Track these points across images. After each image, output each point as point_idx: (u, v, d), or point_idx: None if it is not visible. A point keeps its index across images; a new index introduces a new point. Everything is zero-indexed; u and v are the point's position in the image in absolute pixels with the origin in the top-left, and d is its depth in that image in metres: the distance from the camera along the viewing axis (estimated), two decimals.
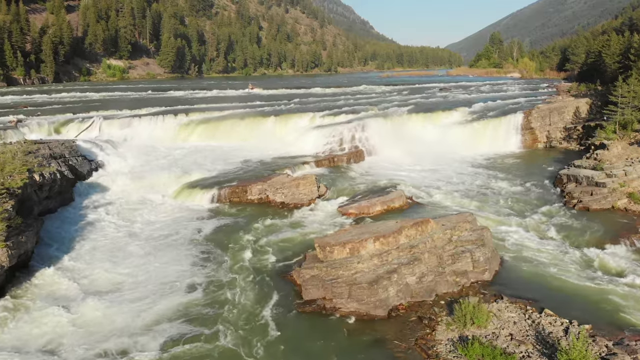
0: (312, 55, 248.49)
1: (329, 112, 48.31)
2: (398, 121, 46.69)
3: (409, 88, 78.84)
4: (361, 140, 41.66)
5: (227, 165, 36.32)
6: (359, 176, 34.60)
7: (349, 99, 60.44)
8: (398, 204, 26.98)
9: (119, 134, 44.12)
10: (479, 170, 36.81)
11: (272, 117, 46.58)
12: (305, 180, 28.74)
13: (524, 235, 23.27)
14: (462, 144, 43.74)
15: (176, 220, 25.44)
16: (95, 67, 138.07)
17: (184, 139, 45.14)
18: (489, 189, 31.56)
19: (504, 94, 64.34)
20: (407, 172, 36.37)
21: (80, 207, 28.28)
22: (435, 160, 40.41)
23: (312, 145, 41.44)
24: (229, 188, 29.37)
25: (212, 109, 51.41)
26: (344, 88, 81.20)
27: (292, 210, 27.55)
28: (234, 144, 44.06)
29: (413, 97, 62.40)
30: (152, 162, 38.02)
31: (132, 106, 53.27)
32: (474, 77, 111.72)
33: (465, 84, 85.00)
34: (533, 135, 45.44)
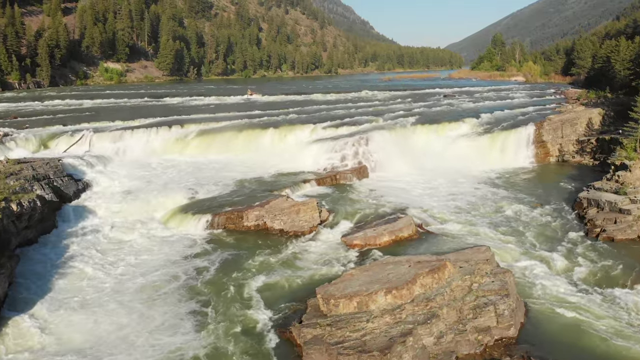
0: (312, 57, 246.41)
1: (330, 123, 46.22)
2: (403, 133, 44.61)
3: (412, 94, 76.74)
4: (365, 155, 39.56)
5: (222, 183, 34.21)
6: (363, 197, 32.46)
7: (350, 107, 58.34)
8: (407, 233, 24.88)
9: (110, 148, 42.02)
10: (490, 189, 34.69)
11: (270, 129, 44.48)
12: (305, 206, 26.63)
13: (547, 273, 21.16)
14: (471, 158, 41.65)
15: (166, 258, 23.18)
16: (92, 71, 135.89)
17: (179, 152, 43.06)
18: (503, 213, 29.44)
19: (510, 102, 62.23)
20: (413, 191, 34.27)
21: (63, 236, 26.14)
22: (443, 176, 38.30)
23: (312, 161, 39.34)
24: (223, 214, 27.24)
25: (208, 119, 49.31)
26: (344, 94, 79.14)
27: (292, 240, 25.44)
28: (231, 157, 41.98)
29: (417, 105, 60.30)
30: (144, 179, 35.89)
31: (125, 116, 51.21)
32: (477, 81, 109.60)
33: (470, 89, 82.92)
34: (545, 148, 43.35)
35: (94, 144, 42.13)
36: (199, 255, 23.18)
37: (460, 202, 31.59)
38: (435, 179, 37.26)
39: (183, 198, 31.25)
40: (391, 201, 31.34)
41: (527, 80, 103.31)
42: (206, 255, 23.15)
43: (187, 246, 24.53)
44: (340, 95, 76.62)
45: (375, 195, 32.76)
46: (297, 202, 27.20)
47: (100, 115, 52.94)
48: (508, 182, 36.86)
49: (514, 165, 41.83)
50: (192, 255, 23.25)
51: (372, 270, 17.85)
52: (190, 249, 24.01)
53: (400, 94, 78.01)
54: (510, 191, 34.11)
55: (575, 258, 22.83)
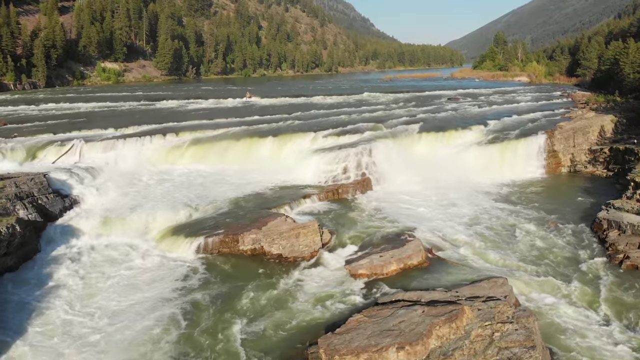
0: (313, 55, 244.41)
1: (332, 131, 44.32)
2: (408, 142, 42.75)
3: (415, 97, 74.82)
4: (368, 166, 37.69)
5: (218, 198, 32.37)
6: (367, 214, 30.62)
7: (351, 112, 56.45)
8: (416, 260, 23.04)
9: (101, 159, 40.14)
10: (501, 204, 32.84)
11: (269, 138, 42.58)
12: (306, 229, 24.78)
13: (570, 311, 19.32)
14: (479, 169, 39.80)
15: (154, 294, 21.25)
16: (89, 71, 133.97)
17: (173, 162, 41.17)
18: (517, 233, 27.60)
19: (517, 107, 60.31)
20: (420, 207, 32.43)
21: (46, 262, 24.31)
22: (450, 189, 36.48)
23: (313, 173, 37.48)
24: (217, 237, 25.39)
25: (204, 126, 47.43)
26: (345, 96, 77.26)
27: (291, 267, 23.60)
28: (228, 168, 40.11)
29: (420, 109, 58.42)
30: (135, 194, 34.06)
31: (119, 122, 49.40)
32: (481, 82, 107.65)
33: (474, 92, 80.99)
34: (556, 158, 41.48)
35: (84, 154, 40.28)
36: (189, 291, 21.17)
37: (469, 220, 29.75)
38: (442, 192, 35.42)
39: (175, 216, 29.42)
40: (397, 219, 29.50)
41: (532, 81, 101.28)
42: (197, 290, 21.23)
43: (178, 277, 22.61)
44: (341, 98, 74.74)
45: (380, 212, 30.91)
46: (296, 225, 25.33)
47: (93, 121, 51.11)
48: (519, 196, 35.00)
49: (524, 176, 39.96)
50: (181, 290, 21.30)
51: (380, 315, 16.00)
52: (180, 282, 21.99)
53: (402, 96, 76.10)
54: (522, 207, 32.26)
55: (599, 291, 20.99)
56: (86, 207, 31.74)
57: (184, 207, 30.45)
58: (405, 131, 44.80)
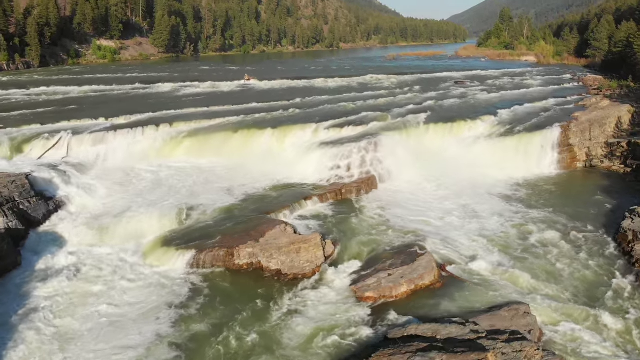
0: (313, 31, 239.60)
1: (334, 122, 42.00)
2: (415, 135, 40.48)
3: (420, 80, 72.17)
4: (373, 162, 35.54)
5: (213, 200, 30.43)
6: (372, 219, 28.62)
7: (355, 99, 54.03)
8: (428, 279, 21.13)
9: (90, 153, 38.03)
10: (515, 207, 30.77)
11: (268, 130, 40.31)
12: (307, 244, 22.79)
13: (600, 346, 17.42)
14: (490, 165, 37.64)
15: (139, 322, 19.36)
16: (84, 49, 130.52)
17: (167, 156, 39.06)
18: (534, 243, 25.62)
19: (528, 93, 57.79)
20: (430, 210, 30.46)
21: (24, 279, 22.41)
22: (460, 187, 34.44)
23: (315, 169, 35.36)
24: (211, 251, 23.43)
25: (200, 115, 45.12)
26: (347, 79, 74.62)
27: (291, 286, 21.67)
28: (225, 162, 38.04)
29: (427, 95, 55.91)
30: (125, 193, 32.08)
31: (110, 110, 47.07)
32: (487, 62, 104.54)
33: (481, 74, 78.28)
34: (571, 153, 39.24)
35: (72, 147, 38.09)
36: (179, 321, 19.23)
37: (482, 226, 27.76)
38: (451, 192, 33.38)
39: (167, 222, 27.45)
40: (405, 225, 27.54)
41: (540, 62, 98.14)
42: (188, 319, 19.26)
43: (167, 299, 20.69)
44: (343, 82, 72.09)
45: (387, 217, 28.91)
46: (297, 239, 23.31)
47: (84, 109, 48.76)
48: (534, 197, 32.90)
49: (537, 172, 37.80)
50: (170, 316, 19.40)
51: None
52: (168, 310, 19.95)
53: (407, 79, 73.44)
54: (539, 211, 30.17)
55: (629, 319, 19.10)
56: (73, 209, 29.77)
57: (176, 210, 28.44)
58: (412, 122, 42.48)
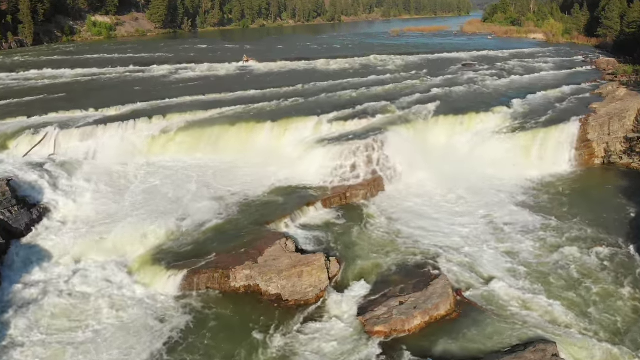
0: (314, 4, 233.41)
1: (337, 114, 39.62)
2: (423, 129, 38.15)
3: (426, 61, 69.22)
4: (380, 161, 33.34)
5: (207, 205, 28.47)
6: (380, 229, 26.62)
7: (358, 84, 51.38)
8: (444, 309, 19.22)
9: (79, 149, 35.85)
10: (533, 215, 28.59)
11: (267, 124, 37.96)
12: (310, 266, 20.81)
13: None
14: (503, 162, 35.46)
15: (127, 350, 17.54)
16: (79, 25, 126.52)
17: (160, 152, 36.89)
18: (556, 260, 23.63)
19: (539, 78, 55.03)
20: (441, 217, 28.43)
21: (3, 302, 20.52)
22: (473, 189, 32.36)
23: (318, 169, 33.13)
24: (204, 272, 21.47)
25: (195, 105, 42.69)
26: (350, 60, 71.56)
27: (292, 314, 19.79)
28: (221, 159, 35.96)
29: (434, 81, 53.24)
30: (115, 197, 30.06)
31: (102, 99, 44.78)
32: (494, 40, 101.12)
33: (489, 55, 75.21)
34: (589, 149, 36.95)
35: (60, 144, 35.91)
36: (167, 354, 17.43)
37: (499, 239, 25.76)
38: (463, 196, 31.29)
39: (157, 234, 25.40)
40: (415, 237, 25.57)
41: (549, 40, 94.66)
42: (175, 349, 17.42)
43: (156, 327, 18.86)
44: (346, 63, 69.15)
45: (395, 226, 26.90)
46: (299, 261, 21.27)
47: (74, 97, 46.24)
48: (553, 201, 30.78)
49: (554, 170, 35.56)
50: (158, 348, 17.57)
51: None
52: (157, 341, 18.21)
53: (413, 60, 70.43)
54: (559, 219, 28.02)
55: None
56: (58, 217, 27.78)
57: (168, 219, 26.49)
58: (419, 114, 40.05)
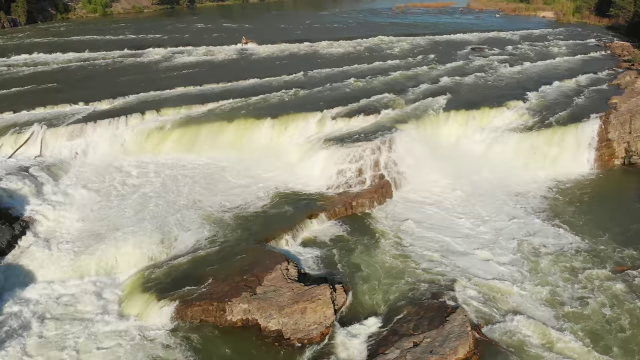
0: None
1: (342, 109, 37.34)
2: (432, 126, 35.88)
3: (433, 44, 66.26)
4: (387, 164, 31.17)
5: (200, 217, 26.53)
6: (389, 248, 24.63)
7: (363, 73, 48.87)
8: (462, 352, 17.34)
9: (66, 148, 33.84)
10: (553, 228, 26.50)
11: (267, 121, 35.69)
12: (315, 302, 18.87)
13: None
14: (519, 164, 33.38)
15: None
16: (74, 2, 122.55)
17: (154, 151, 34.85)
18: (584, 288, 21.63)
19: (553, 65, 52.18)
20: (455, 232, 26.37)
21: None
22: (488, 195, 30.34)
23: (320, 172, 31.11)
24: (199, 305, 19.58)
25: (191, 98, 40.36)
26: (354, 42, 68.52)
27: (294, 355, 17.95)
28: (218, 160, 34.00)
29: (443, 69, 50.57)
30: (104, 205, 28.07)
31: (93, 89, 42.62)
32: (502, 18, 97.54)
33: (498, 36, 72.07)
34: (610, 149, 34.66)
35: (47, 143, 33.77)
36: None
37: (517, 259, 23.75)
38: (477, 204, 29.25)
39: (147, 254, 23.51)
40: (427, 257, 23.63)
41: (559, 20, 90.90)
42: None
43: None
44: (350, 46, 66.18)
45: (405, 243, 24.91)
46: (302, 296, 19.25)
47: (64, 87, 43.83)
48: (570, 207, 28.74)
49: (571, 171, 33.39)
50: None
51: None
52: None
53: (419, 43, 67.39)
54: (581, 233, 25.92)
55: None
56: (43, 230, 25.83)
57: (158, 235, 24.56)
58: (429, 108, 37.68)
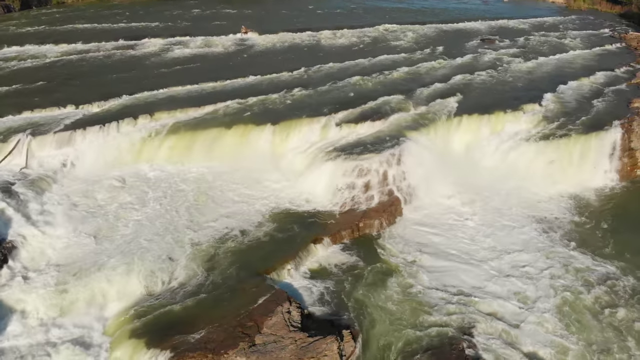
0: None
1: (347, 113, 35.09)
2: (444, 133, 33.69)
3: (441, 34, 63.60)
4: (396, 179, 29.06)
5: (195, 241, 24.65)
6: (400, 279, 22.71)
7: (369, 69, 46.43)
8: None
9: (54, 158, 31.63)
10: (579, 255, 24.56)
11: (267, 127, 33.43)
12: (320, 355, 16.98)
13: None
14: (538, 176, 31.31)
15: None
16: None
17: (148, 160, 32.75)
18: (613, 332, 19.81)
19: (567, 60, 49.69)
20: (473, 258, 24.49)
21: None
22: (507, 214, 28.41)
23: (325, 187, 29.03)
24: (191, 358, 17.70)
25: (187, 99, 38.00)
26: (358, 32, 65.78)
27: None
28: (215, 171, 31.91)
29: (453, 64, 48.09)
30: (91, 228, 26.07)
31: (84, 89, 40.00)
32: (511, 5, 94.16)
33: (508, 25, 69.39)
34: (632, 158, 32.54)
35: (33, 153, 31.59)
36: None
37: (538, 297, 21.80)
38: (496, 223, 27.28)
39: (137, 290, 21.61)
40: (445, 297, 21.69)
41: (569, 6, 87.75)
42: None
43: None
44: (353, 36, 63.48)
45: (419, 275, 22.94)
46: (306, 351, 17.24)
47: (53, 87, 41.20)
48: (593, 227, 26.81)
49: (592, 184, 31.30)
50: None
51: None
52: None
53: (426, 32, 64.60)
54: (603, 258, 24.12)
55: None
56: (24, 257, 23.86)
57: (150, 266, 22.64)
58: (440, 111, 35.44)
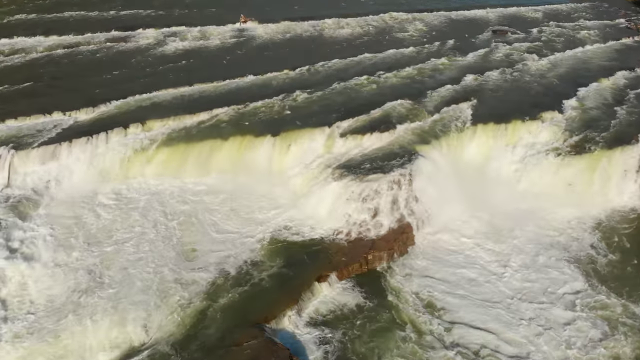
0: None
1: (352, 122, 32.59)
2: (457, 145, 31.29)
3: (450, 26, 60.48)
4: (408, 202, 26.74)
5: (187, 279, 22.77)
6: (414, 324, 20.67)
7: (375, 66, 43.66)
8: None
9: (39, 175, 29.61)
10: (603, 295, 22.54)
11: (267, 139, 31.05)
12: None
13: None
14: (561, 196, 29.01)
15: None
16: None
17: (139, 174, 30.67)
18: None
19: (585, 57, 46.71)
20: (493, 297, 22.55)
21: None
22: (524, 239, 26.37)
23: (329, 211, 26.80)
24: None
25: (181, 103, 35.52)
26: (363, 20, 62.80)
27: None
28: (211, 186, 30.11)
29: (464, 61, 45.17)
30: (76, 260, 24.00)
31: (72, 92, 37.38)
32: None
33: (520, 14, 66.16)
34: None
35: (16, 169, 29.37)
36: None
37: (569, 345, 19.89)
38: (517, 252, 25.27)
39: (125, 341, 19.71)
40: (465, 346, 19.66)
41: None
42: None
43: None
44: (357, 25, 60.47)
45: (434, 319, 20.92)
46: None
47: (39, 89, 38.55)
48: (622, 261, 24.68)
49: (616, 205, 28.89)
50: None
51: None
52: None
53: (433, 22, 61.44)
54: None
55: None
56: (6, 295, 21.94)
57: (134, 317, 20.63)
58: (452, 121, 32.92)
